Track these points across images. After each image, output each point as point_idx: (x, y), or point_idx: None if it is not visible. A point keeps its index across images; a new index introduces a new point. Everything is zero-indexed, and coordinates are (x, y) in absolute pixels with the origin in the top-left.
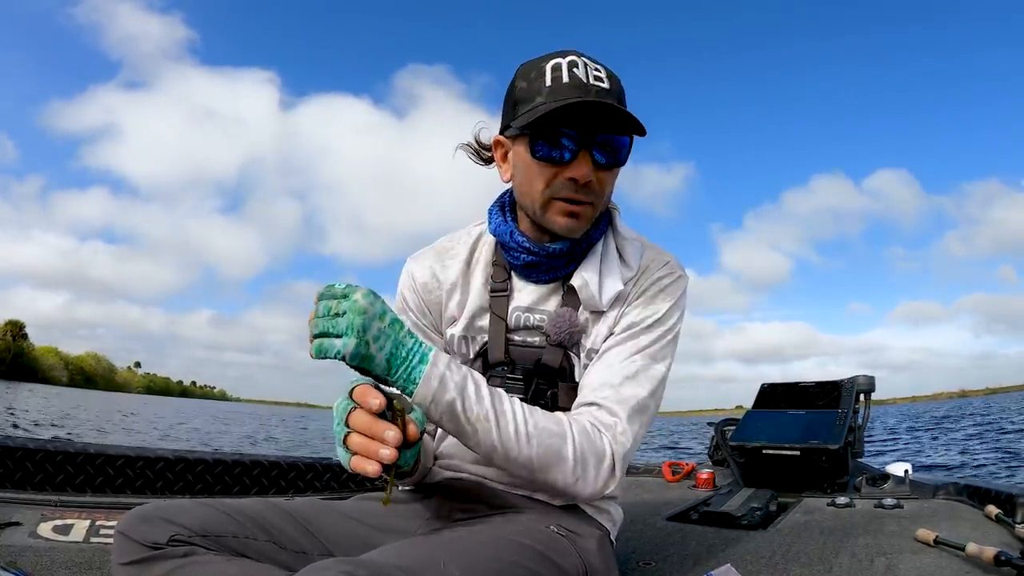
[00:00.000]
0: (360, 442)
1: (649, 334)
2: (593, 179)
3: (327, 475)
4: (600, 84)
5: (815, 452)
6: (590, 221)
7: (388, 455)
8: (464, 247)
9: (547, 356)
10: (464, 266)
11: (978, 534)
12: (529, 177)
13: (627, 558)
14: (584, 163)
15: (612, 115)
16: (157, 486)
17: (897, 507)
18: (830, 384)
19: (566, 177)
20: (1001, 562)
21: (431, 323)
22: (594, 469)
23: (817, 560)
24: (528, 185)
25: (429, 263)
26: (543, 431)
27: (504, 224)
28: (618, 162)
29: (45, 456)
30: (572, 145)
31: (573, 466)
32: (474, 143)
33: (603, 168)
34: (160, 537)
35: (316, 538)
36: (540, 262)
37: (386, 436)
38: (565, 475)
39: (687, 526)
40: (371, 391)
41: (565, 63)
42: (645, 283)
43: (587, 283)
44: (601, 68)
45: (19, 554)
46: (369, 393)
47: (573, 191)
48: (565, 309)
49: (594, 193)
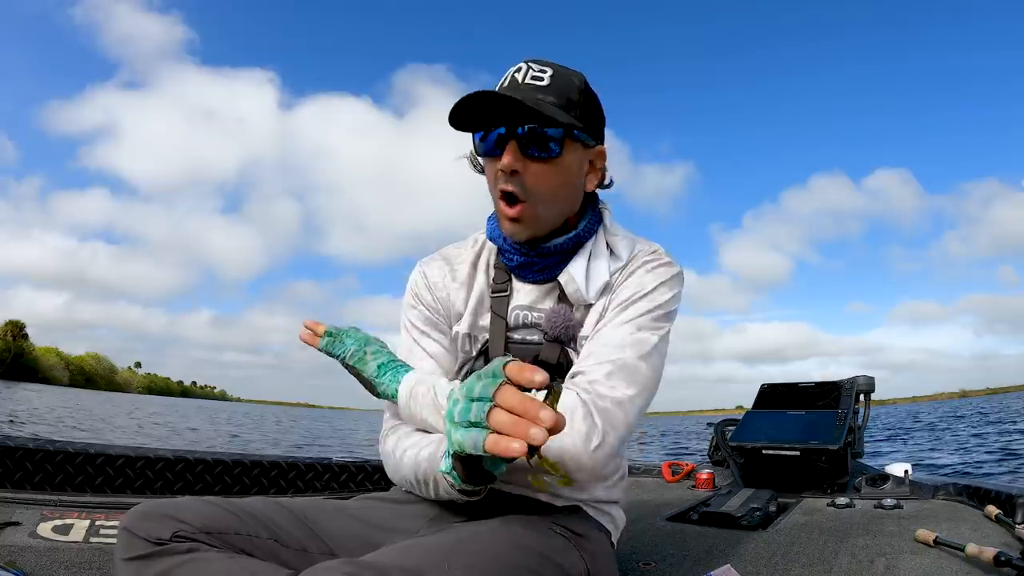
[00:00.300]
0: (507, 420)
1: (636, 307)
2: (519, 168)
3: (327, 475)
4: (536, 83)
5: (815, 452)
6: (530, 224)
7: (540, 436)
8: (470, 252)
9: (545, 352)
10: (471, 268)
11: (978, 534)
12: (487, 179)
13: (627, 558)
14: (509, 151)
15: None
16: (157, 486)
17: (897, 507)
18: (830, 384)
19: (498, 169)
20: (1001, 562)
21: (444, 319)
22: (585, 453)
23: (817, 560)
24: (489, 185)
25: (440, 265)
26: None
27: (498, 228)
28: (548, 153)
29: (45, 456)
30: (496, 136)
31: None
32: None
33: (534, 160)
34: (164, 533)
35: (318, 536)
36: (532, 262)
37: (542, 415)
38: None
39: (687, 526)
40: (530, 366)
41: (513, 69)
42: (632, 267)
43: (572, 278)
44: (548, 69)
45: (19, 554)
46: (528, 368)
47: (504, 182)
48: (560, 306)
49: (523, 186)
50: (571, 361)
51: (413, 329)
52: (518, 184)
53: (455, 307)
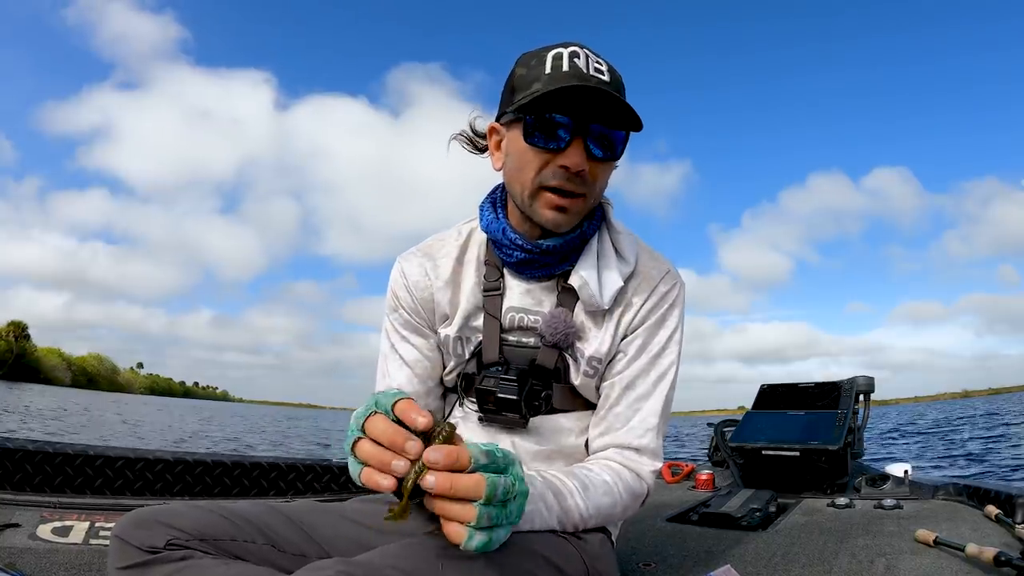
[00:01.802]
0: (372, 451)
1: (664, 358)
2: (586, 169)
3: (326, 476)
4: (600, 75)
5: (815, 453)
6: (578, 216)
7: (401, 467)
8: (454, 245)
9: (542, 357)
10: (456, 264)
11: (978, 534)
12: (521, 164)
13: (627, 559)
14: (578, 151)
15: (609, 105)
16: (156, 488)
17: (897, 508)
18: (829, 385)
19: (558, 165)
20: (1001, 562)
21: (424, 321)
22: (632, 510)
23: (817, 561)
24: (519, 172)
25: (420, 261)
26: (600, 510)
27: (496, 221)
28: (613, 156)
29: (44, 458)
30: (567, 133)
31: (621, 514)
32: (468, 131)
33: (597, 160)
34: (157, 541)
35: (314, 541)
36: (533, 259)
37: (407, 447)
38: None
39: (687, 527)
40: (416, 407)
41: (567, 53)
42: (647, 293)
43: (586, 282)
44: (603, 61)
45: (18, 556)
46: (413, 409)
47: (564, 179)
48: (560, 310)
49: (586, 184)
50: (567, 367)
51: (393, 333)
52: (579, 182)
53: (440, 308)
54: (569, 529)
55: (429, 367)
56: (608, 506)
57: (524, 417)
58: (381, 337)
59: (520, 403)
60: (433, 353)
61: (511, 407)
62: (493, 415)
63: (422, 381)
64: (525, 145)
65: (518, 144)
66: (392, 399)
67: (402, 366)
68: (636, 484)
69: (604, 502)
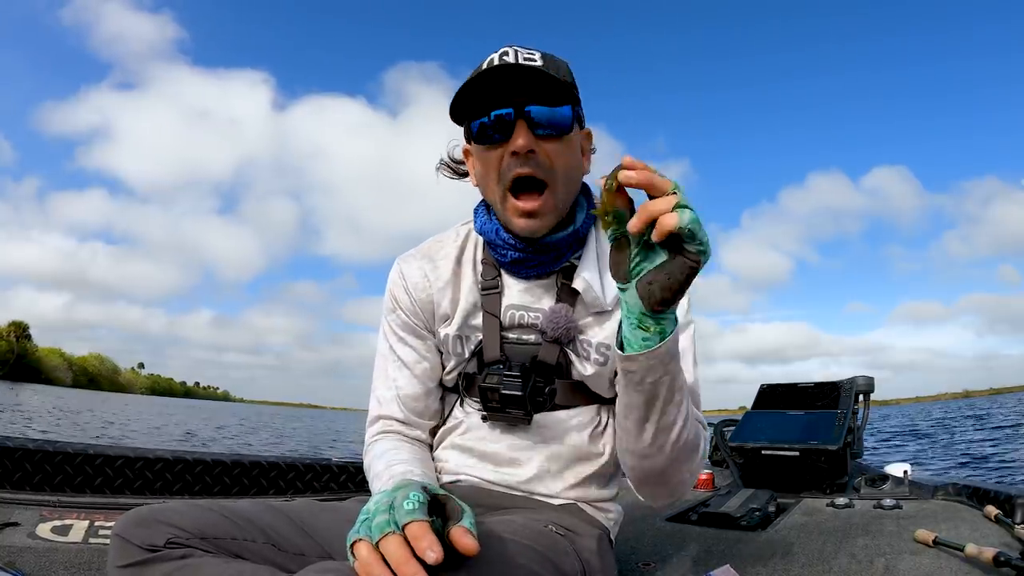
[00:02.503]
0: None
1: (685, 334)
2: (537, 149)
3: (326, 476)
4: (530, 63)
5: (814, 453)
6: (551, 216)
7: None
8: (453, 246)
9: (543, 353)
10: (455, 265)
11: (977, 535)
12: (484, 169)
13: (626, 559)
14: (521, 132)
15: (542, 85)
16: (156, 487)
17: (896, 507)
18: (829, 385)
19: (510, 152)
20: (1000, 563)
21: (422, 322)
22: (700, 456)
23: (816, 561)
24: (485, 179)
25: (419, 264)
26: (697, 424)
27: (489, 222)
28: (562, 130)
29: (44, 456)
30: (508, 119)
31: (700, 458)
32: (448, 160)
33: (546, 138)
34: (157, 540)
35: (314, 540)
36: (527, 258)
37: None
38: (693, 467)
39: (686, 527)
40: (429, 535)
41: (498, 53)
42: None
43: (590, 285)
44: (537, 53)
45: (18, 555)
46: (426, 539)
47: (520, 166)
48: (560, 305)
49: (544, 168)
50: (570, 362)
51: (391, 335)
52: (535, 165)
53: (440, 308)
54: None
55: (428, 368)
56: (699, 419)
57: (528, 413)
58: (379, 338)
59: (525, 399)
60: (431, 355)
61: (516, 403)
62: (497, 412)
63: (421, 382)
64: (480, 148)
65: (477, 151)
66: (406, 519)
67: (401, 367)
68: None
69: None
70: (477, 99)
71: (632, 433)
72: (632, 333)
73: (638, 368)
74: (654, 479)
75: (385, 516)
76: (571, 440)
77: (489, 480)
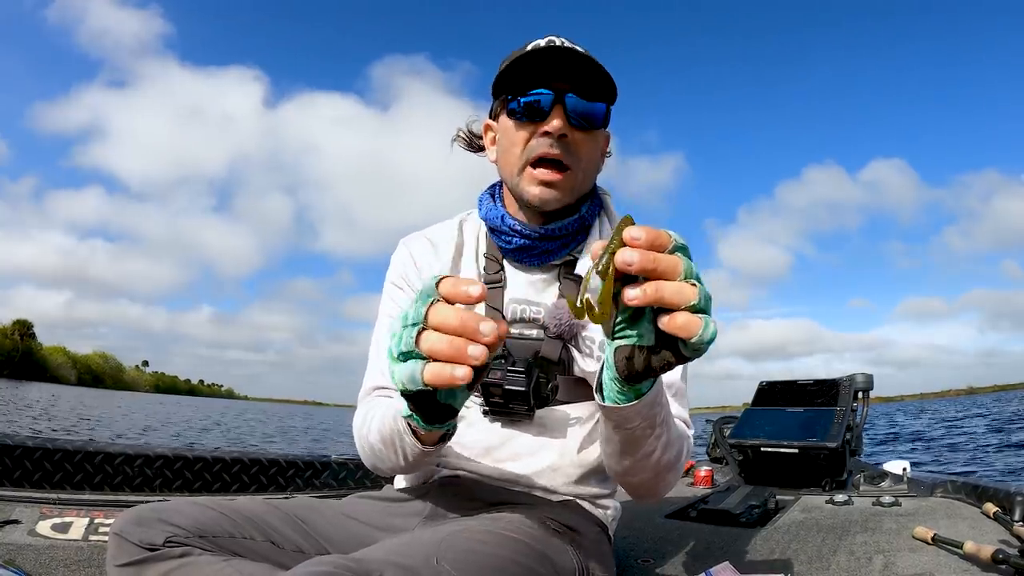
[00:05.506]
0: (440, 343)
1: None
2: (569, 135)
3: (325, 473)
4: (576, 50)
5: (813, 450)
6: (566, 193)
7: (481, 355)
8: (454, 233)
9: (546, 349)
10: (455, 253)
11: (976, 532)
12: (509, 144)
13: (625, 555)
14: (559, 116)
15: (585, 77)
16: (156, 484)
17: (895, 505)
18: (828, 382)
19: (542, 132)
20: (999, 560)
21: None
22: (685, 455)
23: (815, 558)
24: (508, 153)
25: (424, 244)
26: (679, 438)
27: (495, 208)
28: (594, 124)
29: (44, 454)
30: (547, 102)
31: (685, 459)
32: (466, 132)
33: (579, 129)
34: (156, 538)
35: (313, 537)
36: (533, 245)
37: (483, 329)
38: (678, 471)
39: (685, 524)
40: (466, 279)
41: (544, 40)
42: None
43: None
44: (580, 47)
45: (18, 552)
46: (464, 281)
47: (548, 146)
48: (563, 300)
49: (571, 154)
50: (572, 358)
51: (396, 312)
52: (564, 148)
53: None
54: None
55: None
56: (683, 435)
57: (531, 409)
58: (379, 318)
59: (528, 394)
60: None
61: (519, 398)
62: (499, 407)
63: None
64: (511, 124)
65: (506, 125)
66: (435, 279)
67: None
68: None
69: (682, 432)
70: (521, 76)
71: (612, 458)
72: (608, 385)
73: (615, 416)
74: (638, 492)
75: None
76: (572, 436)
77: (489, 475)
